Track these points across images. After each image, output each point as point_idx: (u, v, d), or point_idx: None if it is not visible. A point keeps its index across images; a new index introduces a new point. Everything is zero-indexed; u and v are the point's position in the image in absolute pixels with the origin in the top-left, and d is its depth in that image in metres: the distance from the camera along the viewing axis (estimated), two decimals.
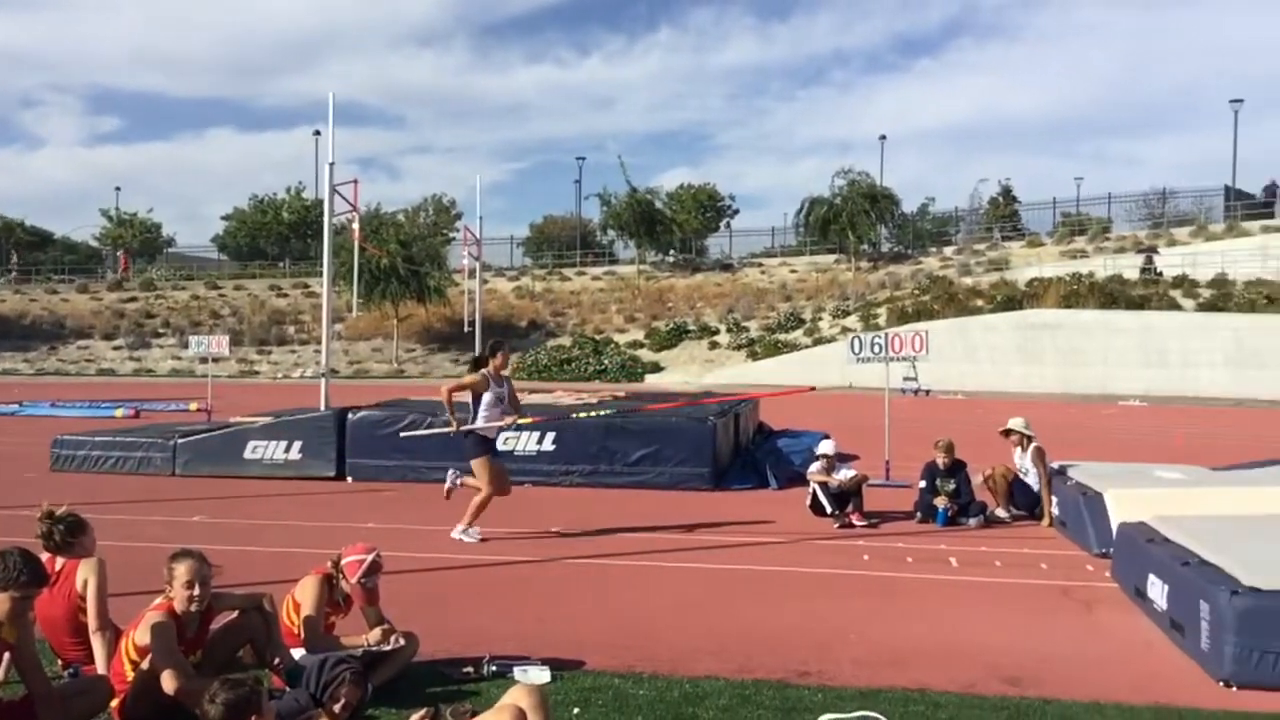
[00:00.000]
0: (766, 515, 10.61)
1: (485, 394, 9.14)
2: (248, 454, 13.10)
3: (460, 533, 9.10)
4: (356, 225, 16.12)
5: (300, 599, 5.36)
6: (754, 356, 41.22)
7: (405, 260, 43.33)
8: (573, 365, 42.21)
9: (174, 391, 31.29)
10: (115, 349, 49.42)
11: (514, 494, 9.53)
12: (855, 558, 8.65)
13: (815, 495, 10.35)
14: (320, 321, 16.65)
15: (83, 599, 5.08)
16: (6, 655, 4.46)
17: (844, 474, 10.34)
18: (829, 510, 10.13)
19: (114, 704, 4.60)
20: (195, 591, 4.69)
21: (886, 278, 47.94)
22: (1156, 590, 6.43)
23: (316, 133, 59.19)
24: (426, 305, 46.64)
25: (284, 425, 13.32)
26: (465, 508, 9.19)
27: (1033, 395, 31.32)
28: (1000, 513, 10.32)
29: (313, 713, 4.45)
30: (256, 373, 45.65)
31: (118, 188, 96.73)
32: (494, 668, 5.34)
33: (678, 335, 45.02)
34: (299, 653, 5.14)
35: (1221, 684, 5.35)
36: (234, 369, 44.36)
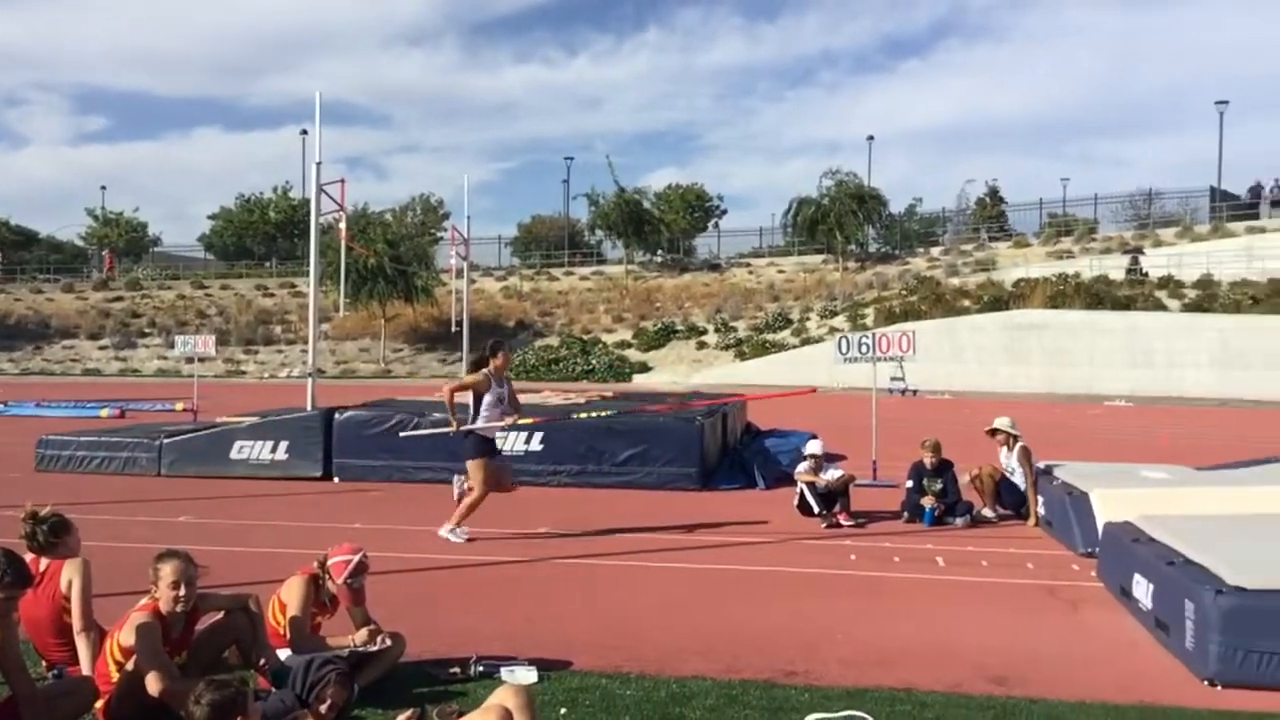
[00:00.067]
0: (754, 515, 10.63)
1: (486, 394, 9.13)
2: (234, 454, 13.06)
3: (447, 531, 9.09)
4: (343, 225, 16.06)
5: (286, 599, 5.35)
6: (742, 357, 41.29)
7: (392, 260, 43.22)
8: (560, 365, 42.20)
9: (160, 391, 31.13)
10: (101, 349, 49.22)
11: (502, 495, 9.50)
12: (842, 557, 8.66)
13: (803, 495, 10.37)
14: (307, 321, 16.59)
15: (67, 600, 5.05)
16: None
17: (831, 474, 10.37)
18: (816, 510, 10.15)
19: (99, 705, 4.57)
20: (181, 592, 4.67)
21: (874, 278, 48.07)
22: (1142, 589, 6.46)
23: (304, 132, 59.31)
24: (414, 305, 46.64)
25: (270, 425, 13.28)
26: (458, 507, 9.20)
27: (1019, 395, 31.44)
28: (987, 512, 10.36)
29: (298, 713, 4.43)
30: (243, 373, 45.50)
31: (103, 187, 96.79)
32: (481, 668, 5.33)
33: (665, 335, 45.06)
34: (285, 653, 5.12)
35: (1206, 683, 5.38)
36: (220, 369, 44.18)
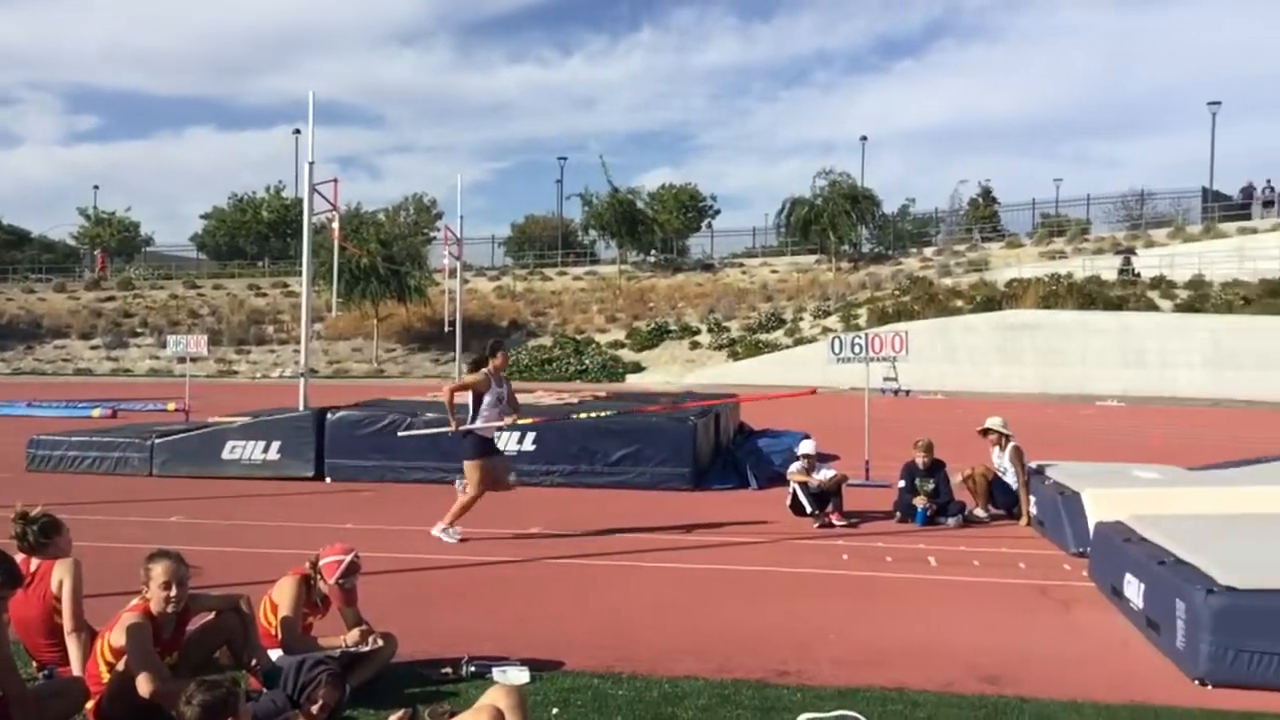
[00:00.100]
0: (746, 515, 10.63)
1: (486, 394, 9.14)
2: (226, 454, 13.02)
3: (440, 531, 9.08)
4: (336, 224, 16.06)
5: (278, 600, 5.33)
6: (735, 357, 41.31)
7: (385, 260, 43.16)
8: (554, 365, 42.20)
9: (152, 391, 31.04)
10: (93, 348, 49.06)
11: (495, 494, 9.49)
12: (835, 557, 8.67)
13: (795, 495, 10.37)
14: (299, 321, 16.58)
15: (58, 600, 5.03)
16: None
17: (824, 474, 10.37)
18: (809, 510, 10.16)
19: (89, 706, 4.56)
20: (172, 592, 4.65)
21: (867, 278, 48.13)
22: (1133, 589, 6.48)
23: (296, 131, 59.05)
24: (407, 305, 46.57)
25: (262, 425, 13.25)
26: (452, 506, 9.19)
27: (1012, 395, 31.50)
28: (979, 512, 10.38)
29: (290, 714, 4.43)
30: (235, 372, 45.39)
31: (96, 186, 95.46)
32: (473, 668, 5.33)
33: (659, 335, 45.06)
34: (276, 654, 5.10)
35: (1197, 682, 5.39)
36: (212, 369, 44.12)
